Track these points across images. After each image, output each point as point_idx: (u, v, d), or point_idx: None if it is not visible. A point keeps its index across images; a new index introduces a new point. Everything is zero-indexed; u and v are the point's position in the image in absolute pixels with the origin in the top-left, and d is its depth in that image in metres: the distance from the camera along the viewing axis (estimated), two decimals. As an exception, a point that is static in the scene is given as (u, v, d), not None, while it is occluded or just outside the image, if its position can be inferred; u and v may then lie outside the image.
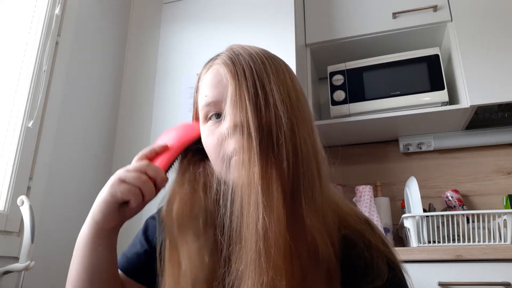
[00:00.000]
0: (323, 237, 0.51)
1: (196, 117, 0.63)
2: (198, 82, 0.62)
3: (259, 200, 0.49)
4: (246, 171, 0.51)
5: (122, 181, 0.54)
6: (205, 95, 0.58)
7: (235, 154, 0.53)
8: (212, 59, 0.61)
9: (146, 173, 0.55)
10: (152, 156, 0.59)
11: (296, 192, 0.52)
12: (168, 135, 0.63)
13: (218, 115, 0.57)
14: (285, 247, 0.48)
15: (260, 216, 0.48)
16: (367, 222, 0.61)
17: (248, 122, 0.51)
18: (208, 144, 0.58)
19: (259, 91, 0.54)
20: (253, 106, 0.52)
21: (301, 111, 0.56)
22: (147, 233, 0.68)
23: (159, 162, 0.58)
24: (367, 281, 0.54)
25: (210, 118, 0.58)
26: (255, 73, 0.55)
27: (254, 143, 0.51)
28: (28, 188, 1.28)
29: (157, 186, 0.56)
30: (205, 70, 0.61)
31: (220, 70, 0.57)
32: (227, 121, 0.54)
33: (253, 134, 0.51)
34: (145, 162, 0.57)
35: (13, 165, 1.24)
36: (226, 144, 0.54)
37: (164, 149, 0.60)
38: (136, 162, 0.58)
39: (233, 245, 0.51)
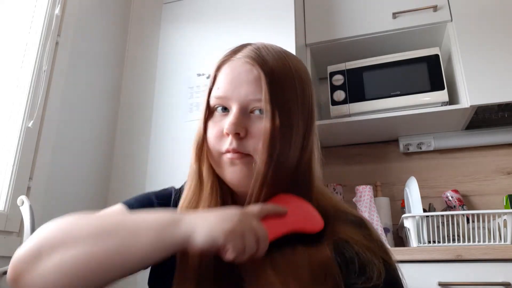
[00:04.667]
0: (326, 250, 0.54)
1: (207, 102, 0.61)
2: (215, 70, 0.61)
3: None
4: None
5: (243, 236, 0.47)
6: (218, 88, 0.59)
7: (226, 152, 0.56)
8: (234, 52, 0.61)
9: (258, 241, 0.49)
10: (270, 217, 0.53)
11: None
12: (295, 205, 0.57)
13: (225, 109, 0.58)
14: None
15: None
16: (363, 222, 0.61)
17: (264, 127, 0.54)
18: (210, 133, 0.59)
19: (278, 97, 0.55)
20: (269, 112, 0.55)
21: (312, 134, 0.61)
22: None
23: (271, 230, 0.51)
24: (363, 281, 0.54)
25: (216, 109, 0.59)
26: (276, 78, 0.56)
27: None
28: (28, 188, 1.28)
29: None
30: (225, 61, 0.60)
31: (239, 67, 0.58)
32: (229, 118, 0.55)
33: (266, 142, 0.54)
34: (266, 232, 0.50)
35: (13, 165, 1.24)
36: (222, 140, 0.56)
37: (282, 219, 0.54)
38: (258, 222, 0.50)
39: None
